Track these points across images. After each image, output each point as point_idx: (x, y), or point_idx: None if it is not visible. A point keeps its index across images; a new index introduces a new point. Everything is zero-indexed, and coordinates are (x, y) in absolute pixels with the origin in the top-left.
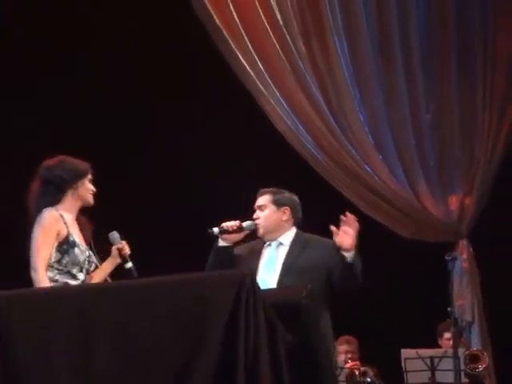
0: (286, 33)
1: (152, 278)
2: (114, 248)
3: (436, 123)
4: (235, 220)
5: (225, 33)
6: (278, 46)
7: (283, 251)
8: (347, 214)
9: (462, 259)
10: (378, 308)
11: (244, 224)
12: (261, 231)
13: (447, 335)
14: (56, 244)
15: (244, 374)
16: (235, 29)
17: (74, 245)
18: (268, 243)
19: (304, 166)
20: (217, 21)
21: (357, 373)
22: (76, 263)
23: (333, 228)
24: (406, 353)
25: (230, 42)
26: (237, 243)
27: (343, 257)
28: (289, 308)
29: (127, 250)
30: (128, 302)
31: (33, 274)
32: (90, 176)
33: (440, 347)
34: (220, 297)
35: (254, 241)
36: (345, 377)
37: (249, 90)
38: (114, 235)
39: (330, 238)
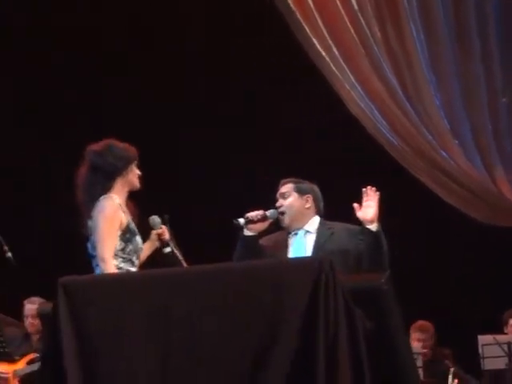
0: (361, 18)
1: (226, 264)
2: (153, 232)
3: None
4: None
5: (300, 19)
6: (352, 31)
7: (311, 238)
8: (368, 187)
9: None
10: (452, 293)
11: (268, 212)
12: (286, 220)
13: None
14: (119, 233)
15: (324, 361)
16: (310, 15)
17: (135, 233)
18: (294, 232)
19: (379, 151)
20: (292, 7)
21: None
22: (137, 251)
23: (355, 205)
24: (483, 339)
25: (306, 27)
26: (261, 233)
27: (368, 229)
28: (368, 293)
29: (167, 235)
30: (202, 288)
31: (101, 264)
32: (136, 160)
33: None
34: (298, 283)
35: (277, 232)
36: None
37: (324, 75)
38: (155, 220)
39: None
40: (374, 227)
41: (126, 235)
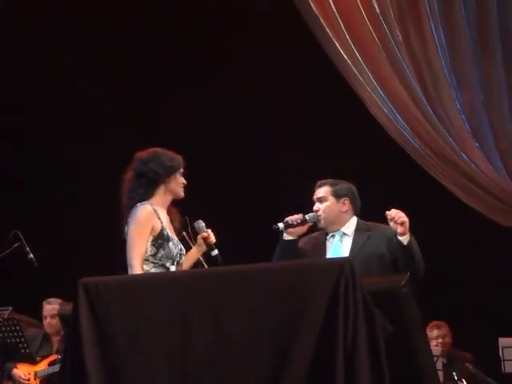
0: (382, 21)
1: (247, 265)
2: (199, 237)
3: None
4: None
5: (322, 21)
6: (374, 34)
7: (348, 241)
8: (387, 212)
9: None
10: (475, 295)
11: (307, 216)
12: (322, 223)
13: None
14: (151, 238)
15: (343, 362)
16: (332, 17)
17: (168, 239)
18: (331, 234)
19: (401, 154)
20: (314, 10)
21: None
22: (170, 257)
23: (387, 214)
24: (503, 341)
25: (328, 30)
26: (300, 236)
27: (399, 241)
28: (388, 295)
29: (212, 239)
30: (223, 288)
31: (129, 270)
32: (182, 169)
33: None
34: (319, 283)
35: (314, 233)
36: (441, 365)
37: (345, 78)
38: (200, 224)
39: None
40: (404, 239)
41: (158, 241)
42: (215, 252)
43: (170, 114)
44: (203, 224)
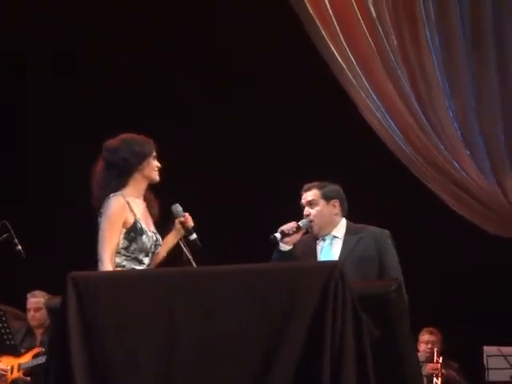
0: (378, 25)
1: (236, 265)
2: (176, 221)
3: None
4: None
5: (318, 24)
6: (370, 39)
7: (338, 244)
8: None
9: None
10: (463, 303)
11: (300, 223)
12: (315, 229)
13: None
14: (124, 231)
15: (329, 364)
16: (328, 20)
17: (141, 232)
18: (321, 238)
19: (391, 160)
20: (311, 13)
21: (435, 380)
22: (143, 250)
23: None
24: (488, 350)
25: (324, 34)
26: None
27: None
28: (377, 301)
29: (190, 222)
30: (212, 287)
31: (99, 265)
32: (154, 153)
33: None
34: (308, 286)
35: (304, 236)
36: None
37: (339, 82)
38: (177, 208)
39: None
40: None
41: (131, 234)
42: (194, 236)
43: (170, 113)
44: (181, 208)
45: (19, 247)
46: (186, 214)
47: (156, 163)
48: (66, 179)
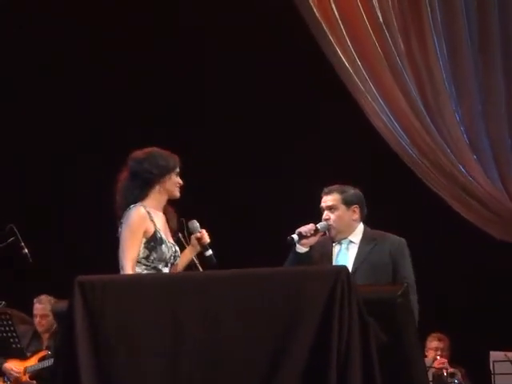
0: (385, 30)
1: (243, 270)
2: (193, 237)
3: None
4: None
5: (326, 29)
6: (377, 44)
7: (354, 249)
8: None
9: None
10: (467, 309)
11: (318, 226)
12: (333, 233)
13: None
14: (144, 241)
15: (336, 370)
16: (335, 24)
17: (161, 242)
18: (337, 242)
19: (398, 163)
20: (318, 18)
21: (445, 373)
22: (162, 259)
23: None
24: (494, 355)
25: (331, 38)
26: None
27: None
28: (383, 305)
29: (206, 239)
30: (218, 292)
31: (121, 273)
32: (177, 169)
33: None
34: (315, 291)
35: (320, 239)
36: (431, 376)
37: (346, 86)
38: (194, 224)
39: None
40: None
41: (151, 243)
42: (209, 252)
43: (170, 113)
44: (197, 224)
45: (26, 250)
46: (203, 231)
47: (178, 180)
48: (66, 179)
